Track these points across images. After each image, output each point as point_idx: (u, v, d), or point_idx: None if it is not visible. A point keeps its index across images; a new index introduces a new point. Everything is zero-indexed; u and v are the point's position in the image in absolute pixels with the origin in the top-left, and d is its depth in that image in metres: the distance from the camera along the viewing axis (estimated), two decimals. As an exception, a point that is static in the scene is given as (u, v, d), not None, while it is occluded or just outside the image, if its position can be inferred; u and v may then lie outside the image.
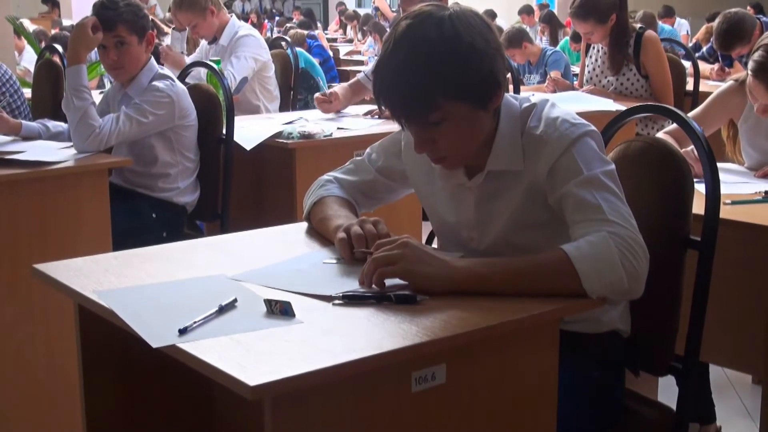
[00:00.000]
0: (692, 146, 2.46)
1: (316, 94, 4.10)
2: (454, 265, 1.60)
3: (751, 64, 2.64)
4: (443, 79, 1.64)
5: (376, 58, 4.42)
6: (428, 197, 1.93)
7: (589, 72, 4.78)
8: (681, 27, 12.22)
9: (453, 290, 1.57)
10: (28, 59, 7.66)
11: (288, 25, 11.82)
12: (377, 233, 1.75)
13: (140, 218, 3.34)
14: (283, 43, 5.49)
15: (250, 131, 3.60)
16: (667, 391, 2.17)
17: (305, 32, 9.01)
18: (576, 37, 8.07)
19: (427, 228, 2.31)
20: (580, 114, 1.80)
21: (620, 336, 1.91)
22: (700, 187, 1.94)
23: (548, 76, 5.47)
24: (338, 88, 4.20)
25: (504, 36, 6.64)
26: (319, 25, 15.43)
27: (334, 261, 1.76)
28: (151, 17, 3.96)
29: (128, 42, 3.27)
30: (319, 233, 1.95)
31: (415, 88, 1.65)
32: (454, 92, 1.66)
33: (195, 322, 1.43)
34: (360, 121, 3.93)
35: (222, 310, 1.50)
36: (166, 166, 3.37)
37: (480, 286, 1.58)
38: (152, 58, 3.39)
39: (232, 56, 4.53)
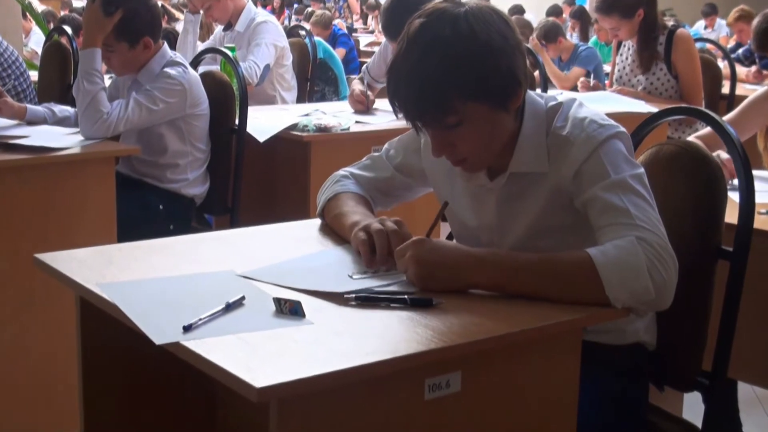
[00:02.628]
0: (720, 151, 2.45)
1: (356, 91, 4.06)
2: (466, 275, 1.59)
3: None
4: (459, 79, 1.63)
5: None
6: (448, 198, 1.92)
7: (619, 71, 4.77)
8: (720, 28, 12.17)
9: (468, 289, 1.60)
10: (36, 41, 7.70)
11: (309, 10, 11.78)
12: (401, 234, 1.73)
13: (147, 209, 3.35)
14: (302, 32, 5.49)
15: (263, 122, 3.60)
16: (693, 408, 2.16)
17: (332, 15, 8.95)
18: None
19: (446, 230, 2.30)
20: (609, 115, 1.80)
21: (645, 348, 1.91)
22: (733, 195, 1.92)
23: (579, 81, 5.45)
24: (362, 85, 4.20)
25: (540, 29, 6.63)
26: (338, 13, 15.46)
27: (358, 276, 1.69)
28: (161, 2, 3.96)
29: (116, 49, 3.27)
30: (333, 231, 1.95)
31: (430, 90, 1.64)
32: (471, 93, 1.65)
33: (200, 320, 1.43)
34: (379, 115, 3.95)
35: (229, 307, 1.49)
36: (175, 156, 3.38)
37: (497, 288, 1.59)
38: (165, 44, 3.40)
39: (252, 44, 4.54)
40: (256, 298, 1.56)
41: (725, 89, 4.99)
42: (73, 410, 1.91)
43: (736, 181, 1.92)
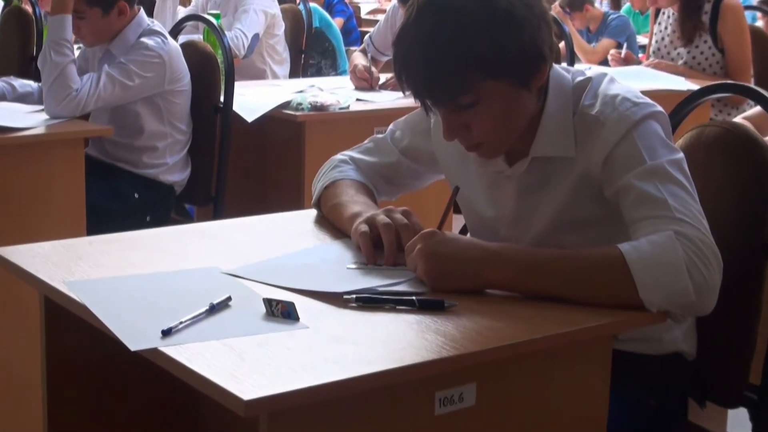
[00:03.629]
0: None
1: (358, 65, 4.07)
2: (481, 271, 1.60)
3: None
4: (476, 53, 1.63)
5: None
6: (461, 185, 1.92)
7: (657, 42, 4.75)
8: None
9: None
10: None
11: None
12: (410, 226, 1.74)
13: (120, 198, 3.36)
14: (296, -3, 5.51)
15: (252, 100, 3.61)
16: (739, 426, 2.16)
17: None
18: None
19: (458, 223, 2.30)
20: (644, 92, 1.79)
21: (684, 359, 1.91)
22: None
23: (610, 54, 5.44)
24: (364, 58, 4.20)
25: None
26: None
27: (355, 266, 1.73)
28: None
29: (88, 16, 3.28)
30: (331, 223, 1.95)
31: (443, 65, 1.64)
32: (488, 69, 1.64)
33: (181, 323, 1.43)
34: (383, 92, 3.94)
35: (213, 309, 1.49)
36: (152, 137, 3.38)
37: (516, 287, 1.60)
38: (141, 10, 3.40)
39: (240, 10, 4.53)
40: (244, 298, 1.55)
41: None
42: (36, 425, 1.92)
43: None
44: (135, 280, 1.64)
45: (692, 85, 4.08)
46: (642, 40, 6.71)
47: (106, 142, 3.39)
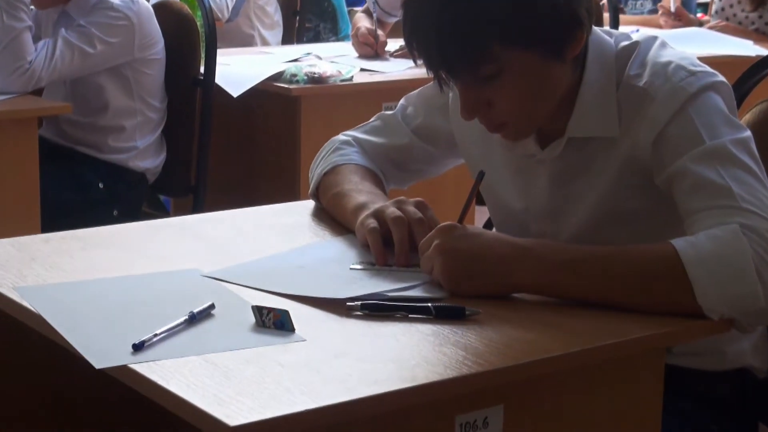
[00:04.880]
0: None
1: (361, 29, 4.07)
2: (509, 271, 1.60)
3: None
4: (498, 16, 1.62)
5: None
6: (486, 171, 1.91)
7: (719, 1, 4.75)
8: None
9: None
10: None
11: None
12: (425, 220, 1.73)
13: (82, 189, 3.36)
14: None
15: (238, 71, 3.63)
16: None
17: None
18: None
19: (482, 216, 2.30)
20: (702, 59, 1.80)
21: (752, 375, 1.91)
22: None
23: (660, 5, 5.43)
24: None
25: None
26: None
27: (361, 267, 1.73)
28: None
29: None
30: (331, 216, 1.96)
31: (459, 30, 1.63)
32: (515, 36, 1.64)
33: (156, 335, 1.42)
34: (392, 61, 3.94)
35: (194, 319, 1.49)
36: (119, 116, 3.39)
37: (550, 290, 1.60)
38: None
39: None
40: (230, 306, 1.55)
41: None
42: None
43: None
44: (99, 285, 1.64)
45: (762, 50, 4.07)
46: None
47: (63, 122, 3.39)
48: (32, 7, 3.52)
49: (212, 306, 1.53)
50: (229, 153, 3.66)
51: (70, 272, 1.69)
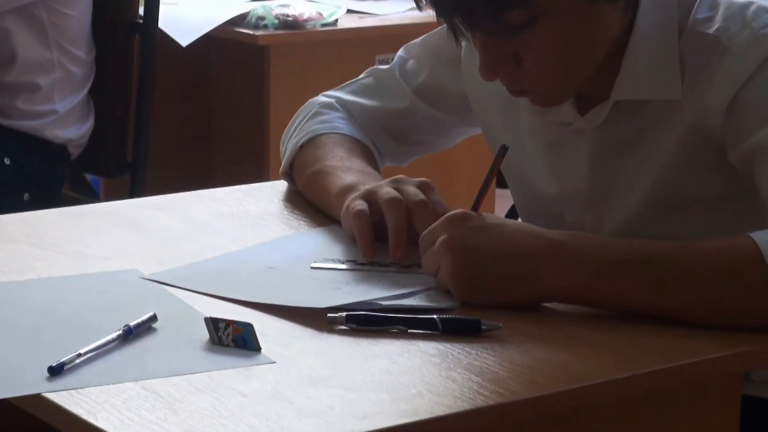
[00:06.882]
0: None
1: None
2: (538, 272, 1.60)
3: None
4: None
5: None
6: (509, 144, 1.93)
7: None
8: None
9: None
10: None
11: None
12: (429, 205, 1.73)
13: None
14: None
15: (188, 13, 3.66)
16: None
17: None
18: None
19: (503, 202, 2.33)
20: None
21: None
22: None
23: None
24: None
25: None
26: None
27: (345, 267, 1.74)
28: None
29: None
30: (308, 200, 1.97)
31: None
32: None
33: (79, 355, 1.41)
34: (388, 1, 3.96)
35: (129, 334, 1.48)
36: (31, 70, 3.39)
37: (590, 299, 1.60)
38: None
39: None
40: (176, 318, 1.54)
41: None
42: None
43: None
44: (5, 290, 1.64)
45: None
46: None
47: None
48: None
49: (154, 318, 1.52)
50: (178, 120, 3.68)
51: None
